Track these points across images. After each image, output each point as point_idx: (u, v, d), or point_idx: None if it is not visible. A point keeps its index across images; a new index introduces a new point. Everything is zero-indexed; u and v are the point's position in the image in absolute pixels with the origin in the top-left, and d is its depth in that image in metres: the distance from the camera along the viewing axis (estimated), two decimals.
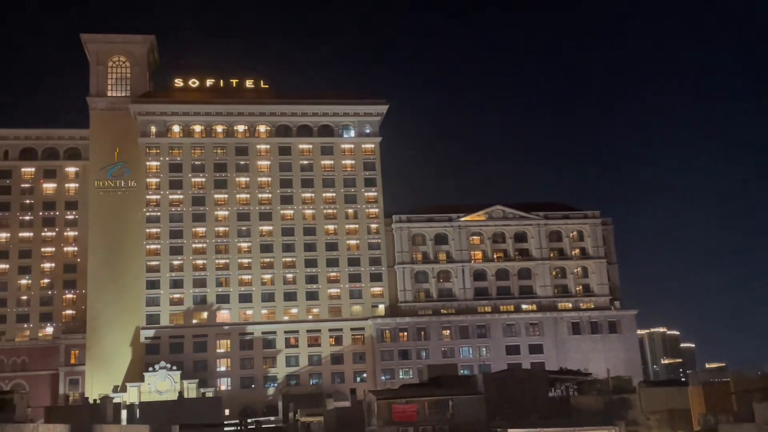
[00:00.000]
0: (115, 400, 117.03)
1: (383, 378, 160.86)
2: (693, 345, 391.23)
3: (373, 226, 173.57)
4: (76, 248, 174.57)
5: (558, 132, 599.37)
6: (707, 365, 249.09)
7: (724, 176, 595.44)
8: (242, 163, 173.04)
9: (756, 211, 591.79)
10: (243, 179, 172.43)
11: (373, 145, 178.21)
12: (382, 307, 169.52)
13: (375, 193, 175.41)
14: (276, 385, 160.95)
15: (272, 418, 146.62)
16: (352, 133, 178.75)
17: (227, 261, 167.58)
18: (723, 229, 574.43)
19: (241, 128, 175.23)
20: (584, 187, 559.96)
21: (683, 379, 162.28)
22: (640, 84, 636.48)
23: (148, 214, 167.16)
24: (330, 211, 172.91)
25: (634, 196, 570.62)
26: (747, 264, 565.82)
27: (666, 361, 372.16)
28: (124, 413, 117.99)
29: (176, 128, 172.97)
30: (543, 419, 69.15)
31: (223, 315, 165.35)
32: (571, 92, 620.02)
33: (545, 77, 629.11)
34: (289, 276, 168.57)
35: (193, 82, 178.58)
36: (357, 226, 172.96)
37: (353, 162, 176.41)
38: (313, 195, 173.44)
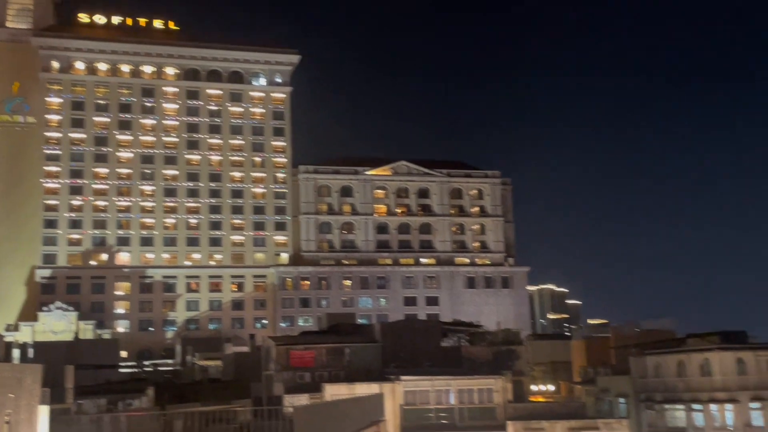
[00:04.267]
0: (6, 339, 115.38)
1: (283, 325, 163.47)
2: (579, 302, 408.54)
3: (280, 175, 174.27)
4: None
5: (462, 90, 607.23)
6: (590, 321, 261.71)
7: (613, 137, 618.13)
8: (148, 105, 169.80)
9: (643, 175, 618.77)
10: (148, 122, 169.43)
11: (283, 95, 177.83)
12: (285, 255, 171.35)
13: (283, 143, 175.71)
14: (175, 329, 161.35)
15: (170, 361, 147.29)
16: (263, 82, 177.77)
17: (129, 204, 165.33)
18: (610, 191, 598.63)
19: (148, 69, 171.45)
20: (485, 144, 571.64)
21: (568, 334, 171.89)
22: (537, 47, 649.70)
23: (47, 152, 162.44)
24: (237, 158, 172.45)
25: (531, 155, 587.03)
26: (633, 225, 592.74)
27: (553, 316, 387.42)
28: (16, 352, 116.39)
29: (80, 65, 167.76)
30: (435, 367, 72.91)
31: (123, 257, 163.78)
32: (475, 53, 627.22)
33: (452, 37, 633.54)
34: (193, 221, 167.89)
35: (100, 19, 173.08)
36: (264, 174, 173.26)
37: (263, 111, 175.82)
38: (220, 141, 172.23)
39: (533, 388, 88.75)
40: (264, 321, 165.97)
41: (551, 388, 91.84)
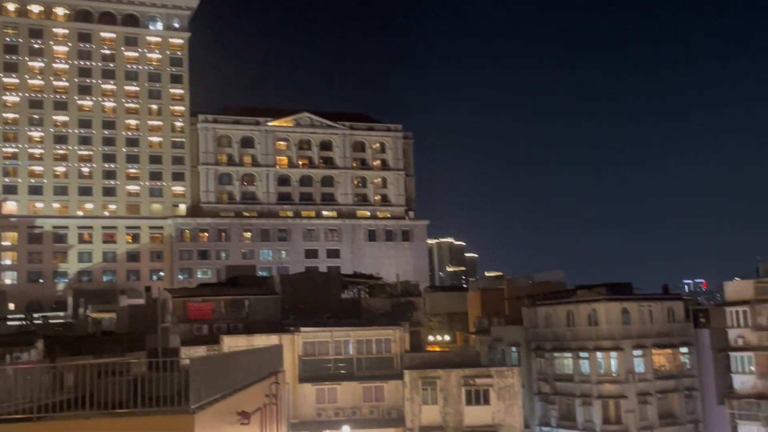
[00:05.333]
0: None
1: (181, 277, 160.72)
2: (476, 255, 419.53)
3: (178, 124, 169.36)
4: None
5: (364, 41, 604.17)
6: (487, 273, 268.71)
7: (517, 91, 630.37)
8: (36, 47, 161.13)
9: (539, 133, 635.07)
10: (37, 64, 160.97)
11: (181, 41, 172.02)
12: (183, 206, 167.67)
13: (181, 91, 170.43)
14: (67, 281, 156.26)
15: (61, 314, 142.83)
16: (159, 26, 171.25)
17: (16, 150, 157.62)
18: (508, 147, 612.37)
19: (35, 9, 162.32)
20: (387, 97, 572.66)
21: (465, 286, 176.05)
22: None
23: None
24: (132, 105, 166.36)
25: (432, 109, 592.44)
26: (529, 182, 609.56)
27: (451, 269, 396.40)
28: None
29: None
30: (335, 319, 73.49)
31: (10, 207, 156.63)
32: (377, 5, 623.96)
33: None
34: (85, 170, 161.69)
35: None
36: (161, 123, 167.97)
37: (160, 56, 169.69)
38: (114, 87, 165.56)
39: (430, 338, 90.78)
40: (161, 273, 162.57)
41: (447, 338, 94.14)
